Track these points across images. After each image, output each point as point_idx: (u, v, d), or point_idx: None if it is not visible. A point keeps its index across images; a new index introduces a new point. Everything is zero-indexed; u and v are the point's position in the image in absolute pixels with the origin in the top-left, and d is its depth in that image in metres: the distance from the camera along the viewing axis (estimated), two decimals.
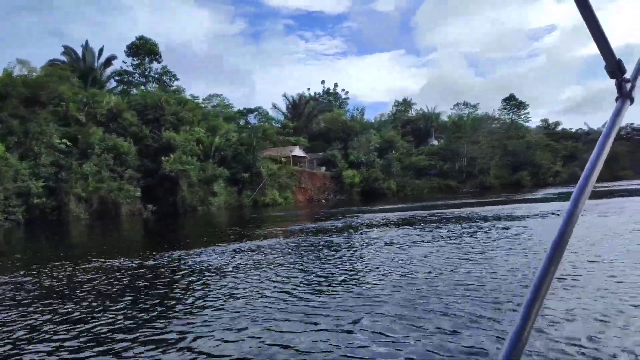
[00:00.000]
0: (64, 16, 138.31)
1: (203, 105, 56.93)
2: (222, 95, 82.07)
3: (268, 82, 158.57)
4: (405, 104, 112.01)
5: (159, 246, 15.80)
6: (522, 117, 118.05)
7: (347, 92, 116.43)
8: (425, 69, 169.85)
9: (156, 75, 51.45)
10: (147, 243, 18.80)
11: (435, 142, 78.13)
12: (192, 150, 40.70)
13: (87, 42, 52.97)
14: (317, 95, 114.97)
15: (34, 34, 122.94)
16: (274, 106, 68.76)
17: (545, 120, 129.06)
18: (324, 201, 51.57)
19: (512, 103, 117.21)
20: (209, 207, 38.98)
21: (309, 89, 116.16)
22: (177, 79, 53.10)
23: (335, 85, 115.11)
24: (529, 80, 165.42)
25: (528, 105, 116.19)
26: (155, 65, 52.07)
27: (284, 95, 66.44)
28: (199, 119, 46.94)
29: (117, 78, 50.78)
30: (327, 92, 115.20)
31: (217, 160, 43.87)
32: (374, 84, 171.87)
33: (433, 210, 24.07)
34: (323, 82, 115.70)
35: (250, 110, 77.23)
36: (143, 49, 50.60)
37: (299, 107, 66.49)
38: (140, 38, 51.35)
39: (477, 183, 67.60)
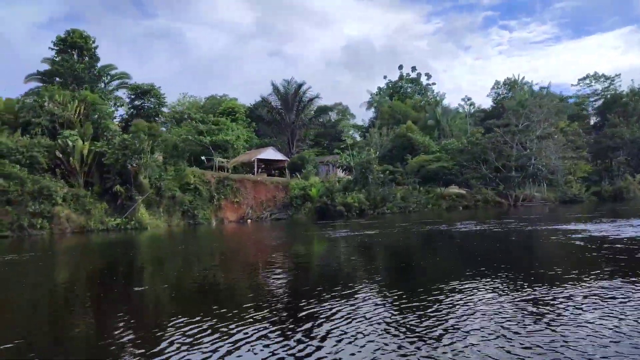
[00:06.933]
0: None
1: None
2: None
3: (464, 79, 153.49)
4: (512, 83, 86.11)
5: None
6: None
7: (429, 77, 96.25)
8: None
9: (86, 72, 44.63)
10: None
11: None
12: (31, 157, 32.29)
13: None
14: (390, 83, 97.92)
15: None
16: (263, 99, 56.16)
17: None
18: (248, 222, 37.97)
19: None
20: (29, 232, 29.92)
21: (385, 77, 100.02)
22: (111, 78, 45.69)
23: (413, 69, 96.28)
24: None
25: None
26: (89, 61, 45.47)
27: (272, 84, 53.61)
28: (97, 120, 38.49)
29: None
30: (404, 78, 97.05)
31: (85, 170, 34.76)
32: (595, 68, 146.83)
33: None
34: (401, 67, 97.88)
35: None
36: (69, 43, 44.46)
37: (287, 96, 52.82)
38: (72, 31, 45.40)
39: (557, 194, 44.55)
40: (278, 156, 48.79)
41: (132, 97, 55.10)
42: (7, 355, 5.72)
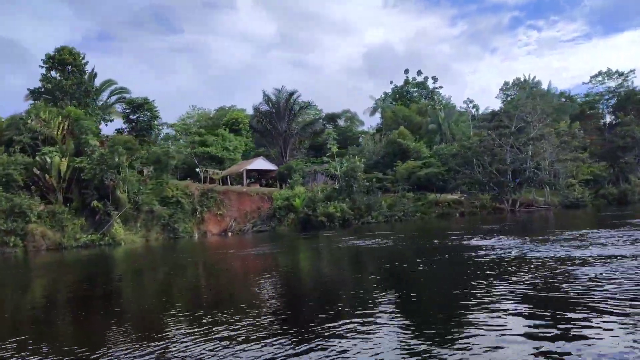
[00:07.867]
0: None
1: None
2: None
3: (492, 81, 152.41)
4: (522, 84, 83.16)
5: None
6: None
7: (436, 81, 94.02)
8: None
9: (74, 89, 45.04)
10: None
11: None
12: (7, 175, 32.47)
13: None
14: (395, 88, 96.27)
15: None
16: (255, 108, 55.49)
17: None
18: (229, 235, 37.24)
19: None
20: (1, 249, 29.95)
21: (391, 82, 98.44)
22: (90, 89, 45.95)
23: (419, 72, 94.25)
24: None
25: None
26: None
27: (264, 93, 52.95)
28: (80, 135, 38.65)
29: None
30: (409, 82, 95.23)
31: (63, 186, 34.78)
32: (628, 65, 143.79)
33: None
34: (407, 71, 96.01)
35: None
36: (57, 60, 45.00)
37: (279, 105, 52.12)
38: (61, 49, 45.98)
39: (558, 198, 42.35)
40: (268, 166, 48.13)
41: (128, 111, 55.57)
42: None
